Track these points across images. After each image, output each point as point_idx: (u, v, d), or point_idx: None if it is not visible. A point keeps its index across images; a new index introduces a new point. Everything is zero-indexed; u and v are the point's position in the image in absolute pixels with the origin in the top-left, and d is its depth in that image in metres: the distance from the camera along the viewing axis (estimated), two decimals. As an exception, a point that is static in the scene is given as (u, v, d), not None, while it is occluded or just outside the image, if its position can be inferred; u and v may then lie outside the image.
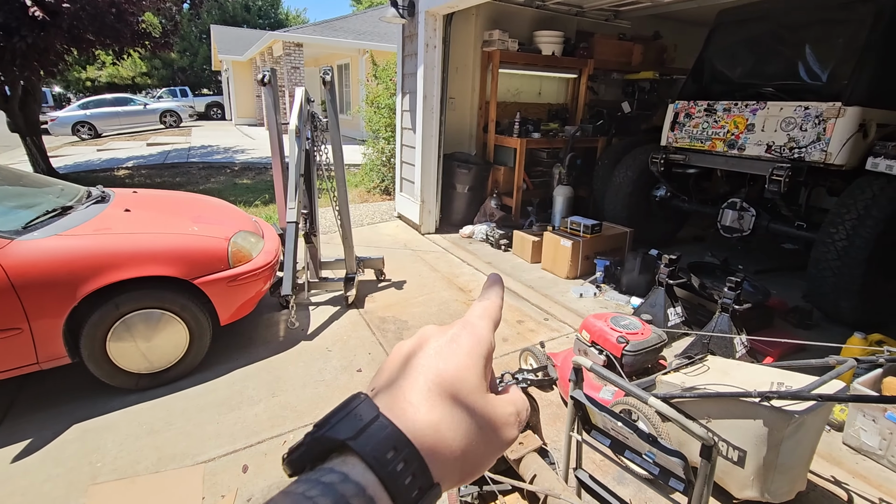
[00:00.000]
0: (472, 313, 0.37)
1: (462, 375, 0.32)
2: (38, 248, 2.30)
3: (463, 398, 0.31)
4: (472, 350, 0.33)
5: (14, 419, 2.44)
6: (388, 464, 0.27)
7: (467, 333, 0.34)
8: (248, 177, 8.91)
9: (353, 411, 0.29)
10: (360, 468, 0.26)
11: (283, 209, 3.60)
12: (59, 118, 14.34)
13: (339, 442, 0.27)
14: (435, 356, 0.32)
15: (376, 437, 0.27)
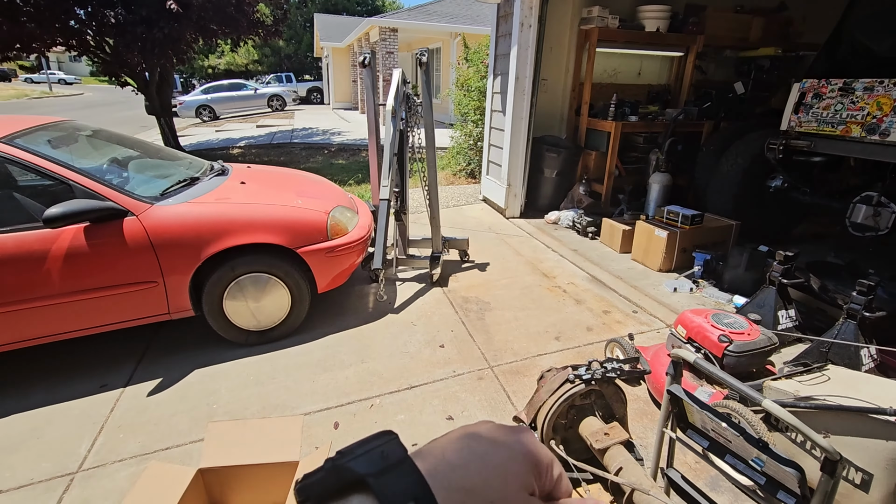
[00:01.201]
0: None
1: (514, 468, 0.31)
2: (172, 213, 2.62)
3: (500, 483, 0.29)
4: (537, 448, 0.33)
5: (149, 360, 2.84)
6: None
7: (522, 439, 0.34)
8: (343, 157, 9.40)
9: (380, 447, 0.27)
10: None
11: (376, 187, 3.75)
12: (185, 102, 16.11)
13: (358, 476, 0.25)
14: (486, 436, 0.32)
15: (399, 482, 0.26)
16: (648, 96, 6.29)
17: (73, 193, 2.43)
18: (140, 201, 2.57)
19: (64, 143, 2.85)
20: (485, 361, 2.75)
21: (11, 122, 2.70)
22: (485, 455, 0.30)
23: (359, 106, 18.64)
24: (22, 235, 2.34)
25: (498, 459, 0.30)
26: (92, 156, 2.98)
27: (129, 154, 3.23)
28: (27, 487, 1.97)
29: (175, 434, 2.26)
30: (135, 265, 2.53)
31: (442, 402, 2.42)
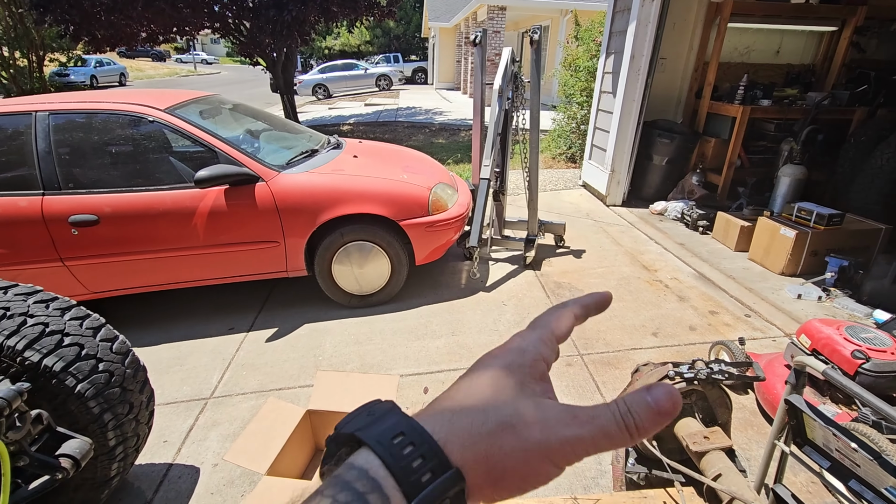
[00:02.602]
0: (538, 320, 0.36)
1: (496, 382, 0.30)
2: (295, 181, 2.90)
3: (490, 396, 0.29)
4: (511, 361, 0.32)
5: (268, 311, 3.20)
6: (393, 447, 0.26)
7: (514, 344, 0.34)
8: (444, 137, 9.56)
9: (368, 409, 0.29)
10: (365, 453, 0.26)
11: (477, 166, 3.79)
12: (304, 81, 17.38)
13: (349, 435, 0.27)
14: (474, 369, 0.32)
15: (383, 424, 0.27)
16: (787, 78, 5.55)
17: (218, 159, 2.78)
18: (270, 169, 2.87)
19: (211, 115, 3.26)
20: (574, 349, 2.71)
21: (171, 95, 3.14)
22: (473, 375, 0.31)
23: (461, 86, 18.73)
24: (177, 193, 2.74)
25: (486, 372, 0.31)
26: (232, 126, 3.37)
27: (261, 126, 3.60)
28: (173, 405, 2.36)
29: (286, 377, 2.54)
30: (262, 226, 2.85)
31: (528, 383, 2.43)
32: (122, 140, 2.84)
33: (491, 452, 0.27)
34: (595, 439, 0.27)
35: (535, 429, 0.27)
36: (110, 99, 2.82)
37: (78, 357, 1.54)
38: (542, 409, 0.29)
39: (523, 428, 0.27)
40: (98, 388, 1.55)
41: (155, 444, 2.09)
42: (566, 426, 0.27)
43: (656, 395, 0.27)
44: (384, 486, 0.25)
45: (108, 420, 1.57)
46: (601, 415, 0.28)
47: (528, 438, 0.27)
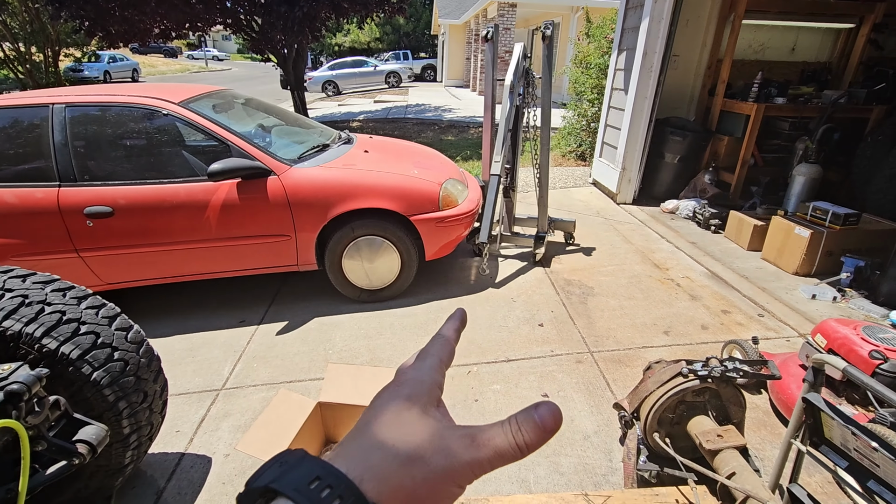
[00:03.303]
0: (424, 352, 0.38)
1: (399, 414, 0.31)
2: (306, 175, 2.90)
3: (397, 429, 0.30)
4: (411, 393, 0.33)
5: (278, 304, 3.22)
6: (311, 492, 0.26)
7: (409, 376, 0.35)
8: (452, 134, 9.55)
9: (280, 460, 0.29)
10: (283, 502, 0.26)
11: (487, 162, 3.78)
12: (314, 77, 17.44)
13: (265, 488, 0.27)
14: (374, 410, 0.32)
15: (298, 471, 0.27)
16: (802, 76, 5.47)
17: (230, 153, 2.79)
18: (281, 163, 2.88)
19: (224, 109, 3.27)
20: (584, 346, 2.70)
21: (185, 89, 3.16)
22: (377, 410, 0.32)
23: (470, 84, 18.69)
24: (190, 186, 2.76)
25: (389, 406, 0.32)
26: (245, 121, 3.38)
27: (273, 121, 3.62)
28: (185, 395, 2.38)
29: (296, 370, 2.56)
30: (274, 219, 2.86)
31: (538, 379, 2.43)
32: (136, 133, 2.87)
33: (404, 484, 0.28)
34: (491, 460, 0.30)
35: (440, 457, 0.29)
36: (125, 92, 2.84)
37: (94, 345, 1.55)
38: (445, 437, 0.30)
39: (431, 456, 0.29)
40: (113, 377, 1.56)
41: (168, 434, 2.11)
42: (466, 450, 0.30)
43: (542, 414, 0.30)
44: None
45: (122, 408, 1.59)
46: (496, 436, 0.30)
47: (435, 467, 0.29)
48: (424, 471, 0.29)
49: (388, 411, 0.31)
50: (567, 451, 2.00)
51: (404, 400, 0.32)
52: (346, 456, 0.29)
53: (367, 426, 0.31)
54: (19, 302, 1.49)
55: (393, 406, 0.32)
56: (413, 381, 0.34)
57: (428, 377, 0.35)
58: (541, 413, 0.30)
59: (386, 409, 0.32)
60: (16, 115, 2.75)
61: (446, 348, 0.39)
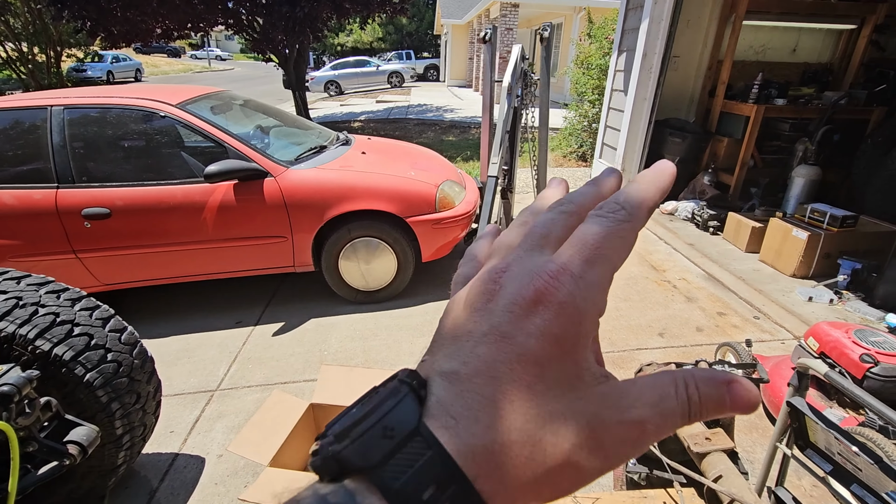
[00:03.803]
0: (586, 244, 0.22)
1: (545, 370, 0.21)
2: (303, 177, 2.92)
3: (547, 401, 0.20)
4: (570, 330, 0.21)
5: (275, 305, 3.23)
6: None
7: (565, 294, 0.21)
8: (454, 134, 9.56)
9: (385, 418, 0.20)
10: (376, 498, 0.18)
11: (485, 164, 3.79)
12: (316, 77, 17.47)
13: (356, 467, 0.19)
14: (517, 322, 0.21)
15: (411, 466, 0.19)
16: (803, 77, 5.45)
17: (227, 154, 2.81)
18: (278, 164, 2.89)
19: (221, 111, 3.29)
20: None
21: (183, 90, 3.18)
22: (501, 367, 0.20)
23: (472, 84, 18.69)
24: (187, 187, 2.77)
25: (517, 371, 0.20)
26: (242, 122, 3.40)
27: (271, 122, 3.63)
28: (180, 396, 2.40)
29: (291, 371, 2.57)
30: (270, 221, 2.88)
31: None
32: (134, 134, 2.89)
33: (544, 489, 0.20)
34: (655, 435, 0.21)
35: (597, 457, 0.21)
36: (123, 94, 2.86)
37: (87, 347, 1.57)
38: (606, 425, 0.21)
39: (585, 459, 0.20)
40: (106, 378, 1.58)
41: (162, 434, 2.13)
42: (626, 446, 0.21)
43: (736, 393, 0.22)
44: None
45: (115, 409, 1.61)
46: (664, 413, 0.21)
47: (588, 471, 0.21)
48: (573, 480, 0.21)
49: (527, 358, 0.20)
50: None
51: (553, 344, 0.21)
52: (462, 423, 0.20)
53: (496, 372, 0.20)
54: (13, 304, 1.51)
55: (536, 350, 0.20)
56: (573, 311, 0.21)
57: (593, 304, 0.22)
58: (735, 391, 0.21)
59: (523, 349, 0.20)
60: (15, 117, 2.77)
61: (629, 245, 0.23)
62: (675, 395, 0.21)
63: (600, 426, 0.21)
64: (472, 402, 0.20)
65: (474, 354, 0.21)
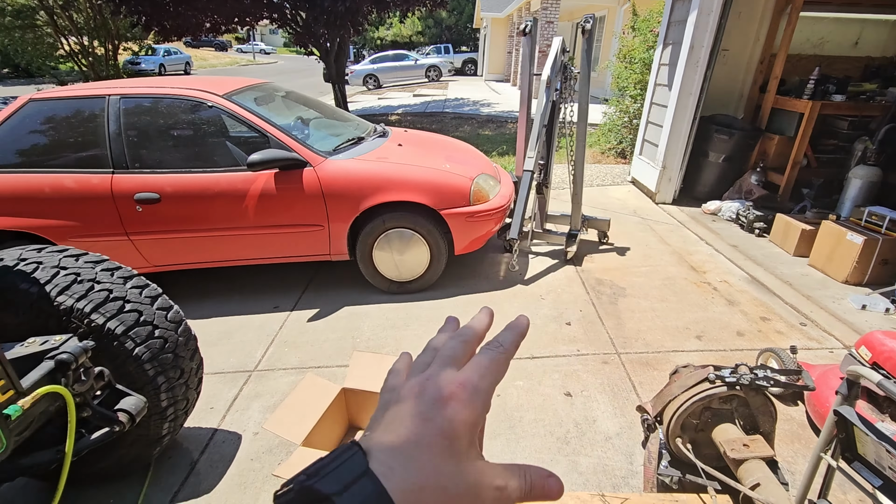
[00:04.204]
0: (479, 366, 0.33)
1: (450, 444, 0.30)
2: (341, 167, 2.98)
3: (447, 465, 0.30)
4: (465, 418, 0.31)
5: (311, 292, 3.32)
6: None
7: (467, 397, 0.31)
8: (490, 129, 9.50)
9: (344, 464, 0.29)
10: None
11: (521, 158, 3.76)
12: (355, 71, 17.71)
13: (324, 495, 0.27)
14: (437, 410, 0.31)
15: (360, 494, 0.27)
16: (865, 72, 5.12)
17: (269, 144, 2.90)
18: (317, 154, 2.96)
19: (264, 102, 3.39)
20: (612, 346, 2.65)
21: (229, 82, 3.30)
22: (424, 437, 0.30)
23: (510, 78, 18.50)
24: (231, 175, 2.88)
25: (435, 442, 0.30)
26: (284, 113, 3.49)
27: (311, 113, 3.72)
28: (220, 374, 2.50)
29: (324, 356, 2.64)
30: (308, 209, 2.95)
31: (562, 378, 2.41)
32: (183, 123, 3.01)
33: None
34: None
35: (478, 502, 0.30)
36: (174, 85, 2.99)
37: (137, 322, 1.66)
38: (486, 479, 0.31)
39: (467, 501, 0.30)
40: (153, 352, 1.67)
41: (202, 410, 2.23)
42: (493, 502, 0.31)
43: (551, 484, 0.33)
44: None
45: (161, 382, 1.70)
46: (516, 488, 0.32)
47: None
48: None
49: (442, 432, 0.30)
50: (587, 452, 1.98)
51: (461, 426, 0.31)
52: (396, 472, 0.28)
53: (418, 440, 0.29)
54: (72, 279, 1.61)
55: (448, 429, 0.30)
56: (472, 407, 0.32)
57: (485, 404, 0.32)
58: (550, 483, 0.33)
59: (440, 426, 0.30)
60: (77, 106, 2.94)
61: (503, 368, 0.35)
62: (521, 476, 0.32)
63: (480, 484, 0.30)
64: (403, 458, 0.29)
65: (406, 429, 0.30)
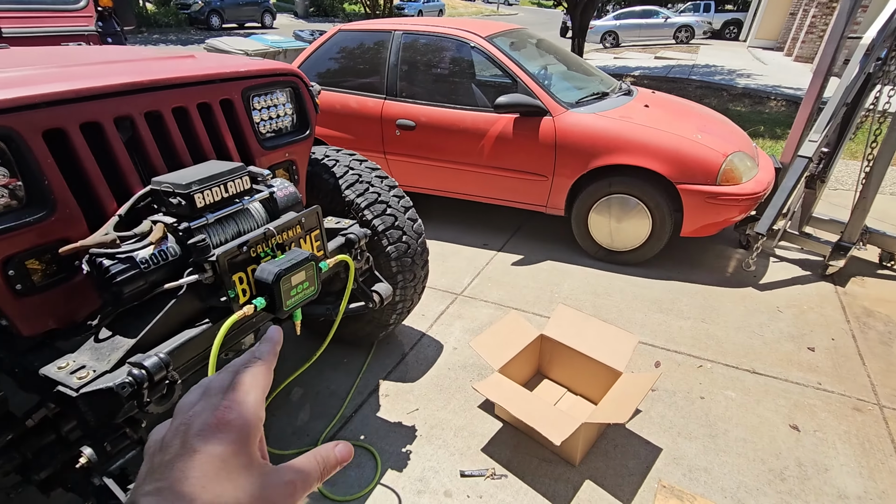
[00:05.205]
0: (241, 385, 0.34)
1: (226, 465, 0.30)
2: (580, 121, 2.89)
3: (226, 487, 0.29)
4: (238, 436, 0.31)
5: (518, 238, 3.44)
6: None
7: (234, 416, 0.32)
8: (743, 104, 8.04)
9: None
10: None
11: (795, 140, 3.08)
12: (595, 27, 16.70)
13: None
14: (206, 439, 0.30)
15: None
16: None
17: (517, 88, 2.97)
18: (560, 105, 2.93)
19: (517, 48, 3.45)
20: (872, 395, 2.10)
21: (489, 25, 3.44)
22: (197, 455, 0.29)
23: (786, 46, 15.05)
24: (476, 114, 3.07)
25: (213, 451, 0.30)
26: (534, 60, 3.51)
27: (558, 63, 3.66)
28: (432, 290, 2.82)
29: (522, 301, 2.74)
30: (538, 159, 2.98)
31: (789, 407, 2.03)
32: (444, 61, 3.29)
33: None
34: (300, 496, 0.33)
35: None
36: (444, 24, 3.27)
37: (392, 226, 1.95)
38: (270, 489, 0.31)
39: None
40: (399, 253, 1.96)
41: (416, 315, 2.56)
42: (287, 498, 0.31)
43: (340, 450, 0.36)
44: None
45: (399, 280, 1.99)
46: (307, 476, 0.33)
47: None
48: None
49: (215, 458, 0.29)
50: (809, 499, 1.66)
51: (230, 445, 0.30)
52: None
53: (187, 475, 0.28)
54: (356, 178, 1.96)
55: (221, 452, 0.29)
56: (242, 423, 0.31)
57: (255, 417, 0.32)
58: (339, 450, 0.36)
59: (212, 453, 0.29)
60: (371, 38, 3.45)
61: (267, 377, 0.35)
62: (312, 460, 0.34)
63: (269, 486, 0.31)
64: (173, 496, 0.28)
65: (173, 469, 0.29)
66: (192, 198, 1.11)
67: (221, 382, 0.34)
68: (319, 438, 1.85)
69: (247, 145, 1.50)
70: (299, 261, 1.14)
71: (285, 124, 1.66)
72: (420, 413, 1.99)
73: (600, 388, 1.89)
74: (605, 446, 1.84)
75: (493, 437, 1.88)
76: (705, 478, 1.72)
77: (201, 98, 1.36)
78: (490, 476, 1.72)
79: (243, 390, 0.33)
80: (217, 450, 0.30)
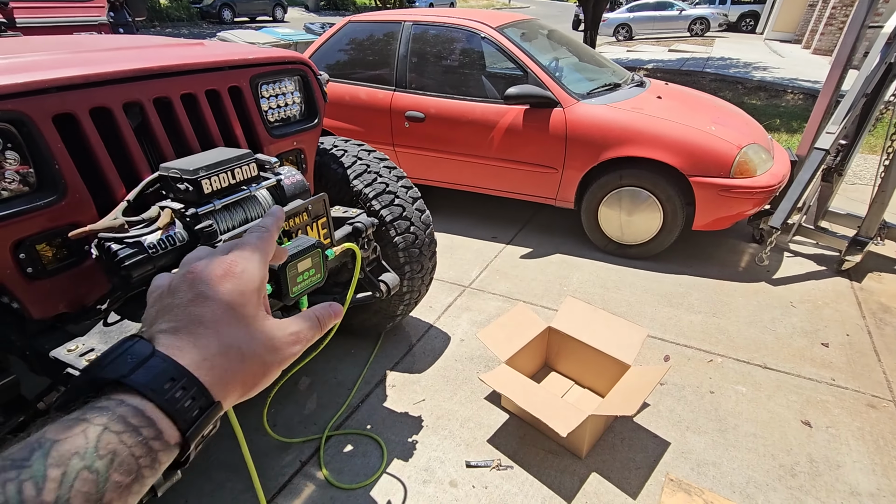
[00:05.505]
0: (246, 245, 0.37)
1: (235, 312, 0.33)
2: (591, 112, 2.86)
3: (237, 331, 0.33)
4: (245, 288, 0.34)
5: (527, 231, 3.41)
6: (166, 392, 0.28)
7: (240, 270, 0.35)
8: (759, 97, 7.89)
9: (126, 353, 0.29)
10: (137, 399, 0.28)
11: (812, 132, 3.02)
12: (608, 19, 16.48)
13: (110, 380, 0.28)
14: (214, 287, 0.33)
15: (152, 371, 0.28)
16: None
17: (527, 79, 2.94)
18: (570, 96, 2.89)
19: (528, 38, 3.41)
20: (888, 391, 2.06)
21: (500, 15, 3.40)
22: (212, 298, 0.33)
23: (804, 38, 14.73)
24: (485, 106, 3.04)
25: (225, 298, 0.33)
26: (545, 50, 3.47)
27: (569, 54, 3.62)
28: (440, 282, 2.81)
29: (530, 293, 2.72)
30: (547, 150, 2.96)
31: (801, 402, 2.00)
32: (454, 52, 3.27)
33: (245, 381, 0.33)
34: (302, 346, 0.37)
35: (273, 354, 0.34)
36: (455, 15, 3.24)
37: (400, 216, 1.95)
38: (276, 335, 0.35)
39: (265, 354, 0.34)
40: (407, 244, 1.95)
41: (423, 307, 2.56)
42: (291, 346, 0.36)
43: (335, 307, 0.41)
44: (158, 422, 0.28)
45: (406, 271, 1.98)
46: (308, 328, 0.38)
47: (269, 362, 0.34)
48: (262, 368, 0.34)
49: (225, 305, 0.33)
50: (819, 496, 1.63)
51: (238, 296, 0.34)
52: (185, 349, 0.31)
53: (201, 318, 0.32)
54: (364, 168, 1.96)
55: (231, 300, 0.33)
56: (249, 276, 0.35)
57: (260, 273, 0.36)
58: (334, 309, 0.40)
59: (222, 300, 0.33)
60: (381, 28, 3.43)
61: (271, 243, 0.39)
62: (310, 318, 0.38)
63: (275, 337, 0.35)
64: (191, 337, 0.31)
65: (187, 313, 0.32)
66: (199, 184, 1.11)
67: (228, 245, 0.38)
68: (326, 427, 1.86)
69: (255, 133, 1.50)
70: (306, 247, 1.12)
71: (293, 113, 1.66)
72: (426, 404, 1.99)
73: (608, 382, 1.88)
74: (613, 439, 1.82)
75: (500, 428, 1.87)
76: (714, 472, 1.70)
77: (210, 85, 1.36)
78: (496, 467, 1.72)
79: (249, 249, 0.37)
80: (226, 298, 0.33)
